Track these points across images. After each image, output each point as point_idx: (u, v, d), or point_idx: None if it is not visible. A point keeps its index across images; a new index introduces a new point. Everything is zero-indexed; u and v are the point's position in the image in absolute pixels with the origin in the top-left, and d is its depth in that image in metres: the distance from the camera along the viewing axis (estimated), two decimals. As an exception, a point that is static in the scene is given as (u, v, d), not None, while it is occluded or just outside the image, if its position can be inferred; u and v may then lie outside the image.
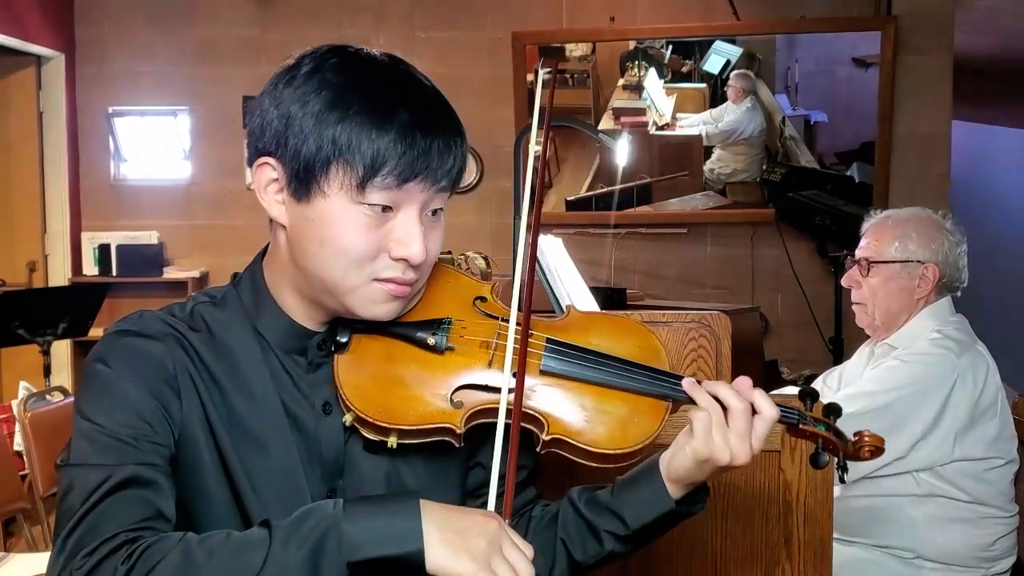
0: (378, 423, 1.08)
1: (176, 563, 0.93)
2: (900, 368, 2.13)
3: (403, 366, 1.12)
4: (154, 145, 5.21)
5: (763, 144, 4.99)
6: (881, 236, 2.25)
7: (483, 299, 1.20)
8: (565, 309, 1.25)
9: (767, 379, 3.42)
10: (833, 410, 1.17)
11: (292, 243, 1.10)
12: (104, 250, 5.11)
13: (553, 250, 2.07)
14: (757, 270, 5.11)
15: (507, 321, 1.15)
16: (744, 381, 1.14)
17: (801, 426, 1.16)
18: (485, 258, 4.23)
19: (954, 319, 2.23)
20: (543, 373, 1.14)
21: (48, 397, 3.24)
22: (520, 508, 1.24)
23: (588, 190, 5.10)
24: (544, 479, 1.30)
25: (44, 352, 3.92)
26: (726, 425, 1.09)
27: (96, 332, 4.74)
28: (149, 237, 5.16)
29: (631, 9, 5.07)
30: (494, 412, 1.10)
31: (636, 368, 1.15)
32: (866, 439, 1.15)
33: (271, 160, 1.08)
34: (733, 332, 1.99)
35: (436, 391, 1.11)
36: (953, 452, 2.09)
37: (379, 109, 1.04)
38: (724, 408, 1.11)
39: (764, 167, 5.00)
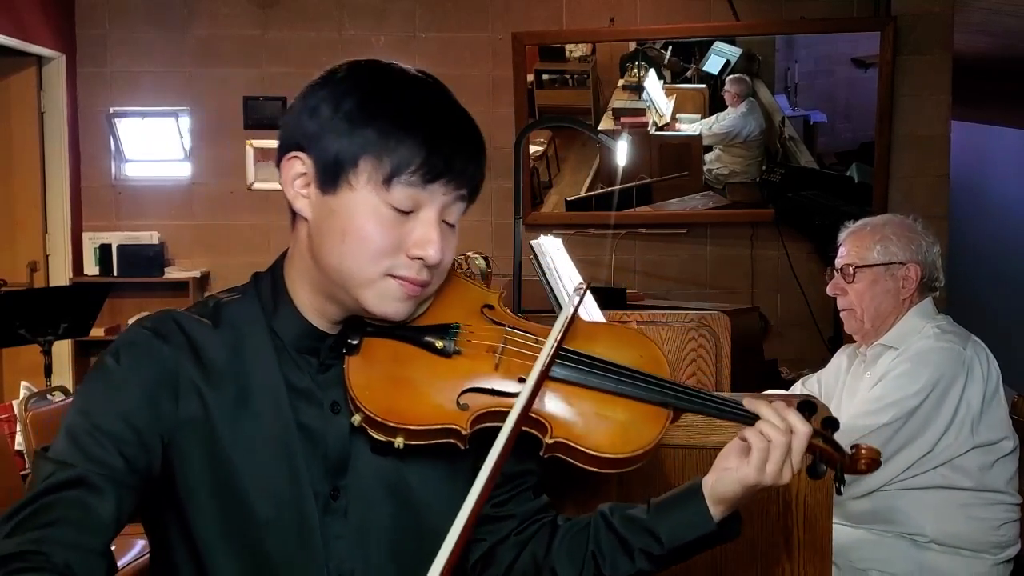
0: (386, 423, 1.10)
1: None
2: (918, 369, 2.18)
3: (412, 368, 1.15)
4: (155, 145, 5.21)
5: (762, 146, 4.99)
6: (861, 242, 2.34)
7: (490, 307, 1.23)
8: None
9: (766, 379, 3.42)
10: (831, 424, 1.20)
11: (313, 236, 1.13)
12: (105, 250, 5.10)
13: (552, 249, 2.07)
14: (757, 270, 5.11)
15: (514, 329, 1.19)
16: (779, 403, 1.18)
17: None
18: (485, 258, 4.24)
19: (939, 316, 2.33)
20: (550, 379, 1.16)
21: (49, 397, 3.24)
22: (532, 516, 1.26)
23: (588, 190, 5.10)
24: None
25: (45, 352, 3.91)
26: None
27: (97, 332, 4.74)
28: (150, 237, 5.16)
29: (631, 10, 5.07)
30: (499, 416, 1.12)
31: (640, 376, 1.18)
32: (863, 452, 1.18)
33: (301, 154, 1.12)
34: (733, 332, 2.00)
35: (443, 393, 1.13)
36: (971, 440, 2.16)
37: (412, 112, 1.10)
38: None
39: (763, 168, 5.00)
